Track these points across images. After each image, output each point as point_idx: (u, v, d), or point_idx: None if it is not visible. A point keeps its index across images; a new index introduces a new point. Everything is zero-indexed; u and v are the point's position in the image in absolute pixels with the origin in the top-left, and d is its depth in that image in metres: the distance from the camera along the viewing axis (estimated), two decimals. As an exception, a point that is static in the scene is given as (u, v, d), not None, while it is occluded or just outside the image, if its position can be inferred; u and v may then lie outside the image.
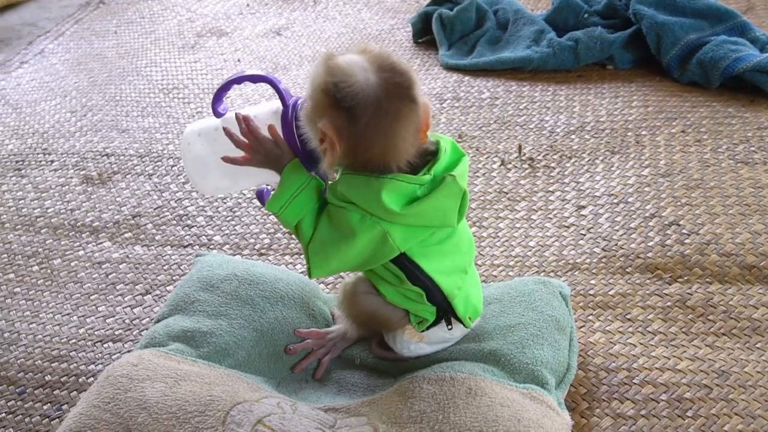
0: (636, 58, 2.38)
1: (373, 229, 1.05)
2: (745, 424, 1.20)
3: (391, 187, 1.03)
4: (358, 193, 1.05)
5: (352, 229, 1.05)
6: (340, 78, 1.00)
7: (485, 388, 1.13)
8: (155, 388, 1.14)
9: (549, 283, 1.36)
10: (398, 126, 1.02)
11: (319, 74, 1.02)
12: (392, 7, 3.03)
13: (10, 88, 2.62)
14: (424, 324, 1.20)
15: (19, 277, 1.71)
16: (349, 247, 1.06)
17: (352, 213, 1.06)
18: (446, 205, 1.06)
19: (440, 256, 1.13)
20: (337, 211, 1.08)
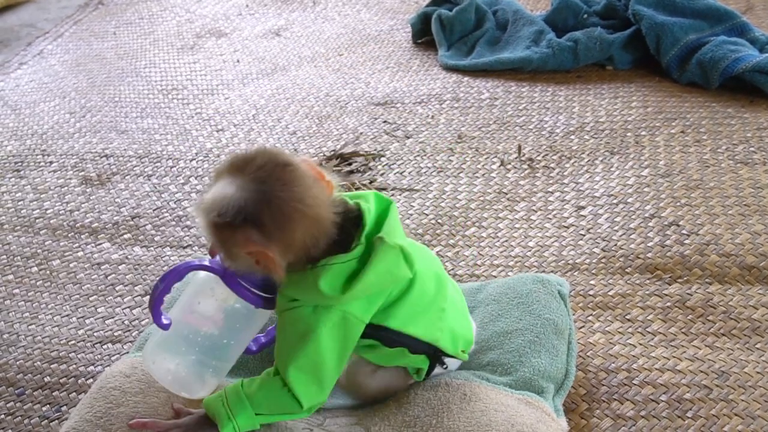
0: (635, 59, 2.38)
1: (330, 314, 1.00)
2: (744, 424, 1.20)
3: (327, 272, 0.98)
4: (300, 289, 1.01)
5: (310, 325, 1.00)
6: (217, 206, 0.95)
7: (479, 394, 1.13)
8: (148, 403, 1.14)
9: (547, 281, 1.35)
10: (296, 192, 0.96)
11: (202, 220, 0.98)
12: (391, 8, 3.03)
13: (9, 89, 2.62)
14: (421, 373, 1.16)
15: (18, 279, 1.71)
16: (318, 345, 1.00)
17: (303, 308, 1.01)
18: (388, 268, 1.00)
19: (406, 310, 1.07)
20: (290, 314, 1.02)
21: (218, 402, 1.05)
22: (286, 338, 1.03)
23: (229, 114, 2.33)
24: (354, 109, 2.29)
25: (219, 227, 0.96)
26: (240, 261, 0.99)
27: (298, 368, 1.01)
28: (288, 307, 1.02)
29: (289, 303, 1.02)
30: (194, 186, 1.98)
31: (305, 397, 1.02)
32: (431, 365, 1.15)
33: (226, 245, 0.98)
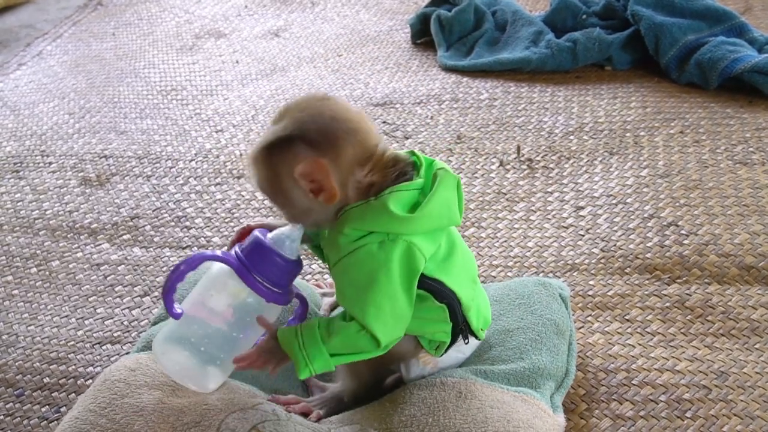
0: (634, 59, 2.38)
1: (396, 246, 1.00)
2: (744, 425, 1.20)
3: (394, 197, 1.01)
4: (367, 219, 1.01)
5: (379, 260, 1.00)
6: (264, 140, 1.00)
7: (475, 391, 1.13)
8: (152, 395, 1.14)
9: (549, 284, 1.36)
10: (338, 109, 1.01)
11: (252, 160, 1.02)
12: (390, 9, 3.03)
13: (8, 90, 2.62)
14: (441, 348, 1.15)
15: (17, 279, 1.71)
16: (390, 279, 1.00)
17: (369, 245, 1.00)
18: (449, 198, 1.04)
19: (454, 269, 1.10)
20: (353, 256, 1.02)
21: (293, 342, 1.04)
22: (353, 282, 1.02)
23: (228, 115, 2.33)
24: (353, 109, 2.29)
25: (268, 157, 0.99)
26: (295, 195, 1.01)
27: (376, 307, 1.00)
28: (350, 249, 1.02)
29: (352, 244, 1.01)
30: (193, 187, 1.98)
31: (383, 335, 1.02)
32: (452, 340, 1.14)
33: (279, 176, 1.00)
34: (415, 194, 1.03)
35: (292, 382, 1.29)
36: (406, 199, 1.02)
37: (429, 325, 1.12)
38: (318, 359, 1.04)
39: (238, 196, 1.92)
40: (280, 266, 1.06)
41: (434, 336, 1.14)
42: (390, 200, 1.00)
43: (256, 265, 1.05)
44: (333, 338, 1.03)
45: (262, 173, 1.02)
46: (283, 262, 1.06)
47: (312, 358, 1.03)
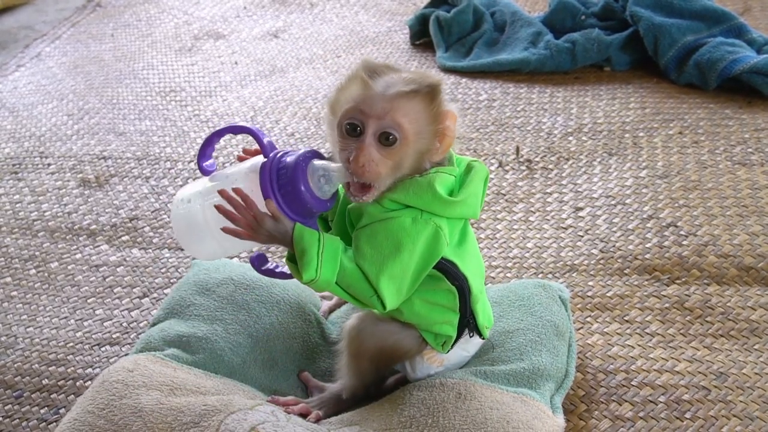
0: (633, 60, 2.38)
1: (427, 226, 1.03)
2: (743, 425, 1.20)
3: (439, 179, 1.04)
4: (411, 193, 1.03)
5: (410, 234, 1.03)
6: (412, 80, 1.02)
7: (475, 392, 1.13)
8: (150, 395, 1.13)
9: (549, 286, 1.36)
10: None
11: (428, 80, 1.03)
12: (389, 10, 3.03)
13: (7, 92, 2.61)
14: (448, 344, 1.16)
15: (16, 281, 1.71)
16: (412, 254, 1.03)
17: (403, 218, 1.03)
18: (480, 190, 1.08)
19: (468, 256, 1.12)
20: (386, 224, 1.03)
21: (313, 244, 1.01)
22: (378, 246, 1.03)
23: (227, 116, 2.33)
24: (352, 110, 2.29)
25: (430, 94, 1.02)
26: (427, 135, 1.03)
27: (391, 276, 1.02)
28: (384, 216, 1.04)
29: (386, 213, 1.04)
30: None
31: (391, 300, 1.04)
32: (458, 335, 1.15)
33: (429, 114, 1.02)
34: (453, 180, 1.06)
35: (291, 383, 1.29)
36: (448, 182, 1.06)
37: (438, 313, 1.12)
38: (328, 271, 1.02)
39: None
40: (305, 199, 1.02)
41: (441, 329, 1.14)
42: (436, 180, 1.03)
43: (280, 178, 1.02)
44: (352, 270, 1.03)
45: (414, 107, 1.01)
46: (310, 198, 1.02)
47: (324, 267, 1.01)
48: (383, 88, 1.00)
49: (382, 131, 1.00)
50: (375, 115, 1.00)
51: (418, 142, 1.02)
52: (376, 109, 1.00)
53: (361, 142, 1.00)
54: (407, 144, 1.01)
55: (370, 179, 1.01)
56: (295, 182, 1.02)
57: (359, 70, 1.03)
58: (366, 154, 1.00)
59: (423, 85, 1.01)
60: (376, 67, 1.03)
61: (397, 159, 1.02)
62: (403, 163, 1.03)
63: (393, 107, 1.00)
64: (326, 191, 1.04)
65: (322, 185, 1.03)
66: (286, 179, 1.02)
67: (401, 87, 1.00)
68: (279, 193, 1.02)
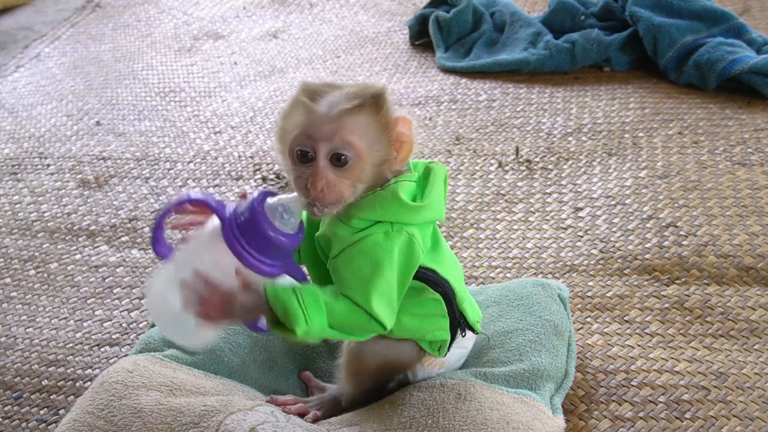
0: (633, 60, 2.38)
1: (400, 236, 1.02)
2: (743, 425, 1.20)
3: (402, 188, 1.03)
4: (379, 207, 1.01)
5: (385, 249, 1.01)
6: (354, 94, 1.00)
7: (475, 393, 1.13)
8: (150, 396, 1.13)
9: (548, 285, 1.36)
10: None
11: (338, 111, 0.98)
12: (389, 10, 3.03)
13: (6, 92, 2.61)
14: (444, 347, 1.15)
15: (15, 282, 1.70)
16: (392, 268, 1.01)
17: (375, 235, 1.01)
18: (442, 192, 1.07)
19: (444, 260, 1.11)
20: (359, 246, 1.02)
21: (291, 298, 0.98)
22: (358, 271, 1.01)
23: (226, 116, 2.33)
24: (352, 111, 2.29)
25: (374, 105, 0.99)
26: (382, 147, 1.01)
27: (380, 295, 1.01)
28: (354, 239, 1.02)
29: (356, 234, 1.02)
30: (192, 188, 1.98)
31: (387, 318, 1.02)
32: (451, 336, 1.14)
33: (378, 125, 1.00)
34: (414, 186, 1.05)
35: (291, 383, 1.29)
36: (410, 189, 1.04)
37: (428, 323, 1.12)
38: (317, 319, 0.99)
39: (237, 197, 1.92)
40: (276, 241, 0.99)
41: (434, 335, 1.13)
42: (399, 189, 1.02)
43: (245, 233, 0.99)
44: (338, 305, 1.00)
45: (361, 121, 0.98)
46: (281, 238, 0.99)
47: (311, 316, 0.99)
48: (327, 109, 0.98)
49: (334, 153, 0.98)
50: (323, 137, 0.97)
51: (372, 156, 1.00)
52: (324, 132, 0.97)
53: (315, 167, 0.98)
54: (362, 160, 0.99)
55: (332, 202, 1.00)
56: (260, 230, 0.98)
57: (299, 94, 1.00)
58: (322, 178, 0.98)
59: (367, 97, 0.99)
60: (316, 89, 1.00)
61: (354, 177, 1.00)
62: (362, 178, 1.01)
63: (340, 126, 0.97)
64: (292, 224, 1.01)
65: (287, 220, 1.00)
66: (251, 232, 0.99)
67: (344, 104, 0.97)
68: (249, 248, 0.99)
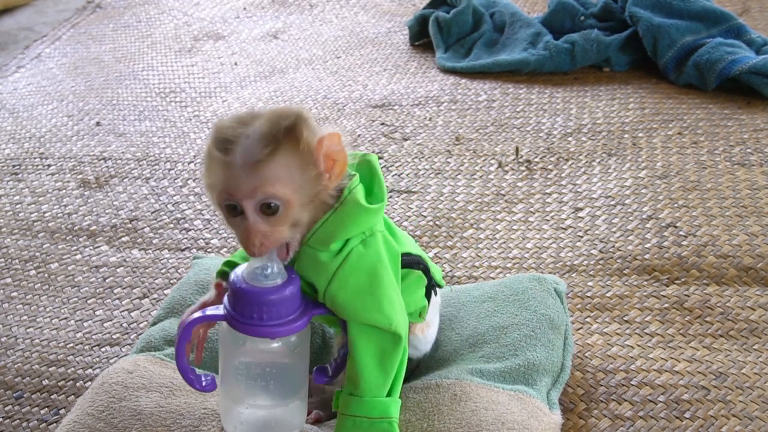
0: (632, 61, 2.38)
1: (376, 239, 1.00)
2: (743, 425, 1.20)
3: (358, 194, 0.99)
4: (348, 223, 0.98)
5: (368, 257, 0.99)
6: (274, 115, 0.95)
7: (470, 393, 1.12)
8: (150, 398, 1.13)
9: (543, 279, 1.35)
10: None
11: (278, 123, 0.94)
12: (389, 10, 3.03)
13: (7, 93, 2.62)
14: (424, 312, 1.16)
15: (16, 282, 1.71)
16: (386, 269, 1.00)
17: (355, 248, 0.99)
18: (383, 179, 1.03)
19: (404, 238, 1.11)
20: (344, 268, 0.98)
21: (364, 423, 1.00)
22: (357, 289, 0.98)
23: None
24: (351, 111, 2.29)
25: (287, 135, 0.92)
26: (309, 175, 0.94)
27: (389, 300, 0.99)
28: (338, 262, 0.98)
29: (337, 257, 0.98)
30: (192, 189, 1.98)
31: (402, 327, 1.00)
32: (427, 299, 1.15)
33: (298, 155, 0.93)
34: (362, 187, 1.01)
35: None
36: (362, 192, 1.00)
37: (414, 299, 1.12)
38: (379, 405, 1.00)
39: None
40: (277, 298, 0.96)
41: (416, 305, 1.13)
42: (358, 197, 0.98)
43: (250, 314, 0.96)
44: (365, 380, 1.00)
45: (281, 165, 0.92)
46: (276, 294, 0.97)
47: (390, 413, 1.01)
48: (242, 161, 0.91)
49: (262, 203, 0.93)
50: (244, 195, 0.93)
51: (302, 195, 0.95)
52: (244, 190, 0.92)
53: (246, 224, 0.94)
54: (291, 205, 0.94)
55: (276, 245, 0.96)
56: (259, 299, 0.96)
57: (211, 146, 0.95)
58: (256, 233, 0.93)
59: (281, 132, 0.92)
60: (227, 136, 0.94)
61: (288, 221, 0.95)
62: (299, 219, 0.96)
63: (260, 181, 0.92)
64: (277, 272, 0.98)
65: (270, 273, 0.97)
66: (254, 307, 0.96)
67: (258, 153, 0.91)
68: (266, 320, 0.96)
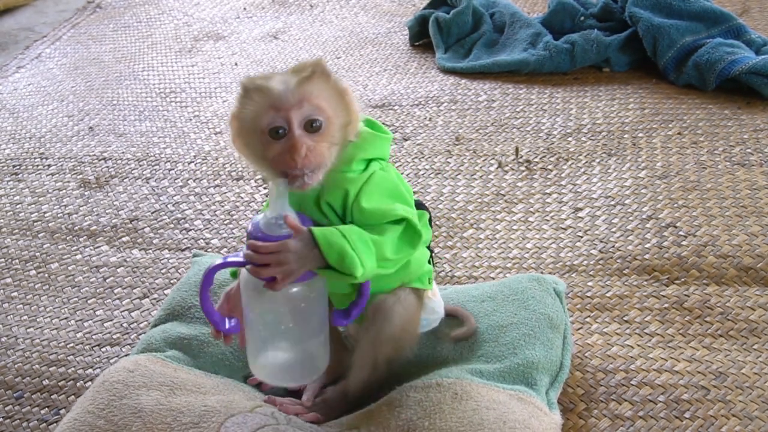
0: (632, 61, 2.38)
1: (390, 168, 1.10)
2: (742, 425, 1.20)
3: (367, 128, 1.08)
4: (370, 144, 1.07)
5: (389, 180, 1.08)
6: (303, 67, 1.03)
7: (471, 392, 1.13)
8: (150, 396, 1.14)
9: (543, 279, 1.35)
10: None
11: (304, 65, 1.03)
12: (389, 11, 3.03)
13: (7, 93, 2.62)
14: (432, 278, 1.21)
15: (16, 282, 1.71)
16: (405, 191, 1.10)
17: (377, 171, 1.07)
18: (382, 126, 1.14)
19: None
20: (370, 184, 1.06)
21: (342, 242, 1.00)
22: (382, 199, 1.06)
23: (227, 117, 2.33)
24: (352, 111, 2.29)
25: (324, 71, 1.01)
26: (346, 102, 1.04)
27: (409, 206, 1.08)
28: (363, 179, 1.05)
29: (362, 175, 1.06)
30: (192, 189, 1.98)
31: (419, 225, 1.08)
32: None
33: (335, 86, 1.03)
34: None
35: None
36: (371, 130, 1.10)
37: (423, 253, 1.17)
38: (369, 261, 1.02)
39: (237, 197, 1.92)
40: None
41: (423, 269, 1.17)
42: (372, 126, 1.09)
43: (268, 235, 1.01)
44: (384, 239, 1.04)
45: (320, 86, 1.01)
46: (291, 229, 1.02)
47: (364, 258, 1.01)
48: (284, 85, 1.00)
49: (307, 120, 1.00)
50: (293, 107, 0.99)
51: (338, 117, 1.03)
52: (292, 101, 0.99)
53: (292, 138, 1.00)
54: (332, 122, 1.02)
55: (317, 166, 1.01)
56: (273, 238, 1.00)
57: (248, 85, 1.03)
58: (302, 144, 0.99)
59: (310, 66, 1.01)
60: (259, 78, 1.03)
61: (328, 139, 1.02)
62: (335, 140, 1.03)
63: (305, 94, 1.00)
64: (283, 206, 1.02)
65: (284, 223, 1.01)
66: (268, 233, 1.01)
67: (300, 74, 1.00)
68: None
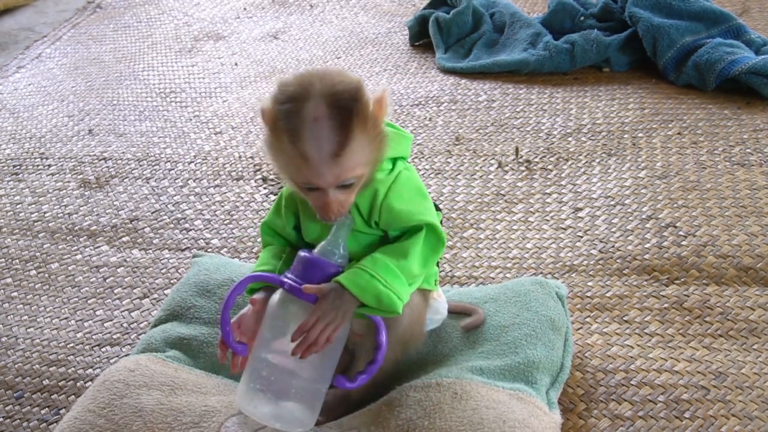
0: (632, 61, 2.38)
1: (411, 168, 1.13)
2: (742, 425, 1.20)
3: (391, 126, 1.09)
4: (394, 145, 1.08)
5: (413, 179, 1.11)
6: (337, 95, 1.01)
7: (471, 392, 1.13)
8: (151, 395, 1.14)
9: (546, 283, 1.36)
10: None
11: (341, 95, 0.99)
12: (389, 11, 3.03)
13: (7, 93, 2.62)
14: (437, 279, 1.22)
15: (16, 282, 1.71)
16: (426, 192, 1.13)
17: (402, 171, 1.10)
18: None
19: None
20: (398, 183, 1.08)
21: (377, 284, 1.03)
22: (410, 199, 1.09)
23: (227, 117, 2.34)
24: (352, 111, 2.29)
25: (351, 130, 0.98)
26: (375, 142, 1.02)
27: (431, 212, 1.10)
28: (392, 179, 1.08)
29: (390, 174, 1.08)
30: (192, 189, 1.98)
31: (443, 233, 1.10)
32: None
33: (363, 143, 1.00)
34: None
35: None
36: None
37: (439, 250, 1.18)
38: (404, 290, 1.05)
39: (237, 198, 1.92)
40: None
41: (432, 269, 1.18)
42: (393, 127, 1.10)
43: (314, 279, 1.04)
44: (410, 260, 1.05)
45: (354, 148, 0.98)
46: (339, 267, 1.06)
47: (399, 290, 1.04)
48: (319, 156, 0.97)
49: (341, 184, 1.01)
50: (328, 184, 1.00)
51: (371, 165, 1.04)
52: (328, 180, 1.00)
53: (326, 198, 1.02)
54: (365, 175, 1.04)
55: (347, 210, 1.05)
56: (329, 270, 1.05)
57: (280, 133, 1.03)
58: (335, 204, 1.02)
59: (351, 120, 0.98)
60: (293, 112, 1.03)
61: (360, 185, 1.05)
62: (366, 181, 1.06)
63: (340, 170, 0.99)
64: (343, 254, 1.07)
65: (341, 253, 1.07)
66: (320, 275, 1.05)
67: (334, 146, 0.97)
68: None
